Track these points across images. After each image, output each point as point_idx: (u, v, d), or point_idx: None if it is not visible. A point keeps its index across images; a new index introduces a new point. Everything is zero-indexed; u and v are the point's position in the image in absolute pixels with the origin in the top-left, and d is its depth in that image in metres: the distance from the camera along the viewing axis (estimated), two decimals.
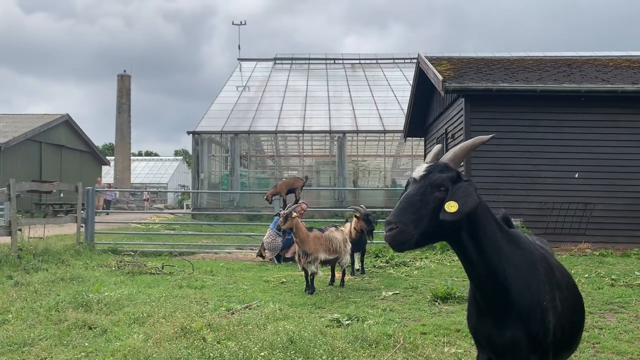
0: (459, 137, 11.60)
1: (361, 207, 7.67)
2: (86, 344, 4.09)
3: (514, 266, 2.08)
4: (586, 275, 7.25)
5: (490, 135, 2.20)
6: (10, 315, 4.88)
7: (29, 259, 7.98)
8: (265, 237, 9.24)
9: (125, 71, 36.28)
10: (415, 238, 1.93)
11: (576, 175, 10.80)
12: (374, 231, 7.45)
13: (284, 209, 6.77)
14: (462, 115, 11.19)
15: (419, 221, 1.93)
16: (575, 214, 10.62)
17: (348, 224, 7.72)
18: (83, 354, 3.85)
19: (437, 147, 2.21)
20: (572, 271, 7.48)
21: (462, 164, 9.96)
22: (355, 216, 7.49)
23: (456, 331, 4.51)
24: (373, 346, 3.97)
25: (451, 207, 1.91)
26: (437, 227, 1.95)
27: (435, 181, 1.98)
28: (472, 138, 2.20)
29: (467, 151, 2.11)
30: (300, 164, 25.31)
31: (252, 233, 12.76)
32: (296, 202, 9.80)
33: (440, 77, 10.94)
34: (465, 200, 1.92)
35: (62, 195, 24.85)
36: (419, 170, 2.06)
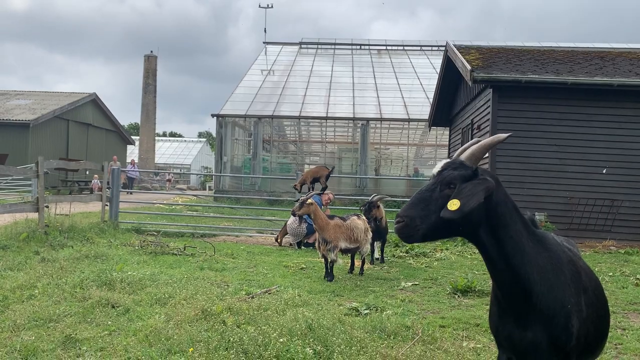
0: (485, 128, 11.43)
1: (375, 195, 7.68)
2: (109, 322, 4.17)
3: (538, 268, 2.05)
4: (610, 274, 7.12)
5: (507, 135, 2.19)
6: (36, 291, 5.00)
7: (55, 236, 8.16)
8: (289, 221, 9.28)
9: (152, 52, 36.52)
10: (421, 232, 1.99)
11: (604, 171, 10.58)
12: (370, 221, 7.38)
13: None
14: (489, 106, 11.01)
15: (426, 217, 1.99)
16: (601, 210, 10.43)
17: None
18: (106, 332, 3.93)
19: (470, 142, 2.18)
20: (596, 269, 7.36)
21: (486, 155, 9.71)
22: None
23: (475, 325, 4.48)
24: (391, 337, 3.97)
25: (453, 205, 1.93)
26: (446, 224, 1.98)
27: (445, 178, 2.03)
28: (495, 134, 2.20)
29: (485, 149, 2.10)
30: (322, 150, 25.30)
31: (273, 218, 12.83)
32: (323, 190, 9.81)
33: (469, 67, 10.77)
34: (468, 199, 1.92)
35: (87, 172, 25.30)
36: (437, 167, 2.11)
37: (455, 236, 2.15)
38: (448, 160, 2.12)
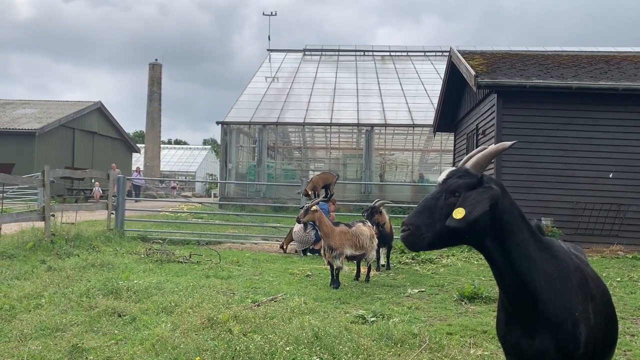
0: (490, 133, 11.41)
1: (378, 201, 7.67)
2: (116, 331, 4.17)
3: (544, 275, 2.04)
4: (618, 279, 7.08)
5: (512, 142, 2.20)
6: (43, 300, 5.01)
7: (61, 244, 8.18)
8: (295, 229, 9.26)
9: (156, 60, 36.71)
10: (427, 240, 2.00)
11: (610, 175, 10.53)
12: (378, 226, 7.39)
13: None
14: (494, 111, 11.00)
15: (431, 225, 1.99)
16: (608, 214, 10.37)
17: None
18: (112, 341, 3.93)
19: (475, 150, 2.18)
20: (604, 274, 7.32)
21: (492, 160, 9.67)
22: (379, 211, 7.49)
23: (483, 332, 4.45)
24: (398, 345, 3.95)
25: (458, 213, 1.93)
26: (452, 232, 1.98)
27: (450, 186, 2.03)
28: (500, 139, 2.20)
29: (489, 158, 2.11)
30: (327, 157, 25.30)
31: (278, 224, 12.83)
32: (329, 197, 9.80)
33: (473, 72, 10.77)
34: (473, 207, 1.92)
35: (93, 181, 25.38)
36: (442, 175, 2.12)
37: (461, 244, 2.16)
38: (453, 168, 2.13)
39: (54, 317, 4.42)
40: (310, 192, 10.07)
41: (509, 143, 2.16)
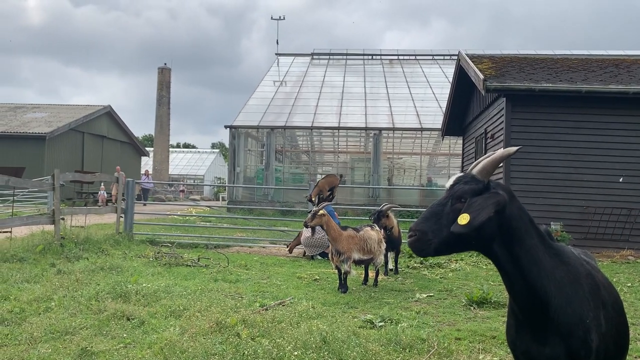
0: (498, 137, 11.37)
1: (385, 205, 7.65)
2: (124, 335, 4.19)
3: (555, 281, 2.03)
4: (629, 284, 7.00)
5: (517, 148, 2.22)
6: (53, 303, 5.04)
7: (70, 248, 8.23)
8: (305, 234, 9.22)
9: (165, 64, 36.92)
10: (433, 246, 2.01)
11: (620, 180, 10.44)
12: (386, 230, 7.36)
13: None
14: (502, 115, 10.95)
15: (438, 230, 2.01)
16: (618, 219, 10.28)
17: None
18: (121, 345, 3.95)
19: (483, 157, 2.17)
20: (614, 279, 7.25)
21: (501, 165, 9.63)
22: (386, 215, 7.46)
23: (492, 338, 4.42)
24: (407, 350, 3.94)
25: (463, 219, 1.94)
26: (458, 238, 1.99)
27: (456, 192, 2.05)
28: (509, 143, 2.20)
29: (496, 163, 2.12)
30: (335, 160, 25.30)
31: (286, 228, 12.83)
32: (331, 199, 9.78)
33: (481, 76, 10.73)
34: (478, 213, 1.93)
35: (102, 184, 25.53)
36: (449, 181, 2.13)
37: (469, 250, 2.16)
38: (460, 174, 2.14)
39: (63, 321, 4.45)
40: (314, 198, 10.05)
41: (514, 148, 2.17)
